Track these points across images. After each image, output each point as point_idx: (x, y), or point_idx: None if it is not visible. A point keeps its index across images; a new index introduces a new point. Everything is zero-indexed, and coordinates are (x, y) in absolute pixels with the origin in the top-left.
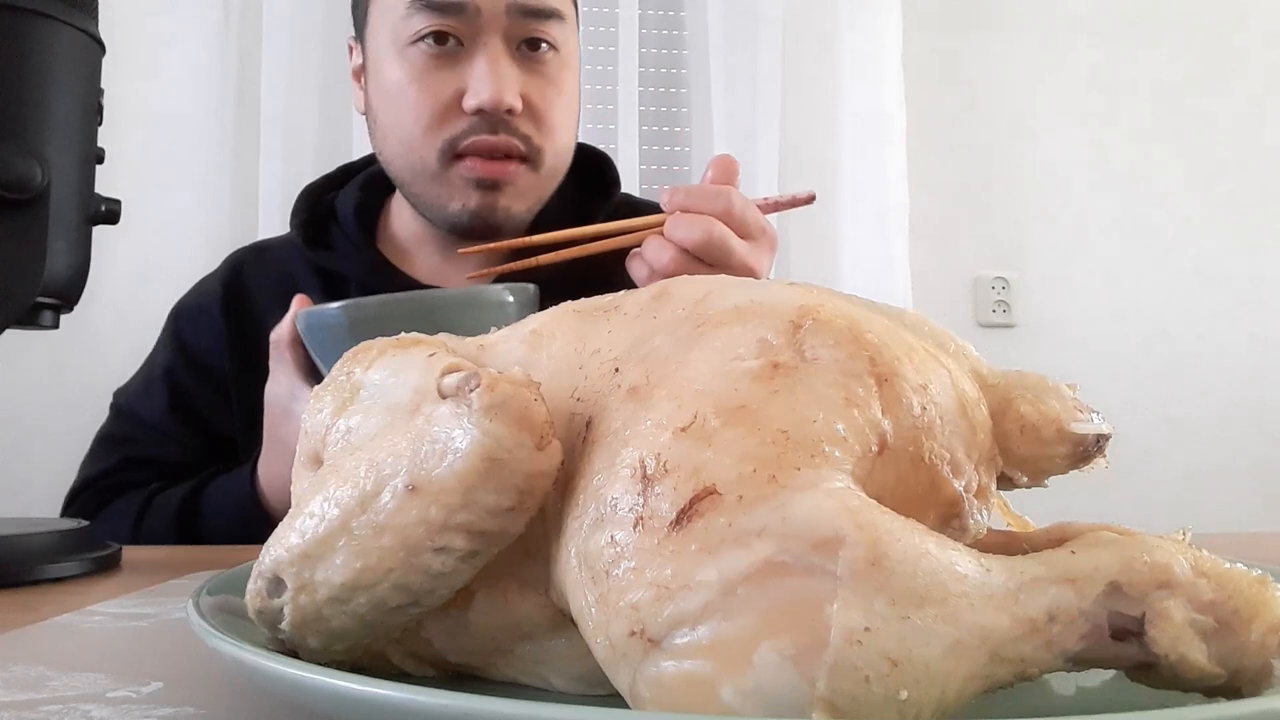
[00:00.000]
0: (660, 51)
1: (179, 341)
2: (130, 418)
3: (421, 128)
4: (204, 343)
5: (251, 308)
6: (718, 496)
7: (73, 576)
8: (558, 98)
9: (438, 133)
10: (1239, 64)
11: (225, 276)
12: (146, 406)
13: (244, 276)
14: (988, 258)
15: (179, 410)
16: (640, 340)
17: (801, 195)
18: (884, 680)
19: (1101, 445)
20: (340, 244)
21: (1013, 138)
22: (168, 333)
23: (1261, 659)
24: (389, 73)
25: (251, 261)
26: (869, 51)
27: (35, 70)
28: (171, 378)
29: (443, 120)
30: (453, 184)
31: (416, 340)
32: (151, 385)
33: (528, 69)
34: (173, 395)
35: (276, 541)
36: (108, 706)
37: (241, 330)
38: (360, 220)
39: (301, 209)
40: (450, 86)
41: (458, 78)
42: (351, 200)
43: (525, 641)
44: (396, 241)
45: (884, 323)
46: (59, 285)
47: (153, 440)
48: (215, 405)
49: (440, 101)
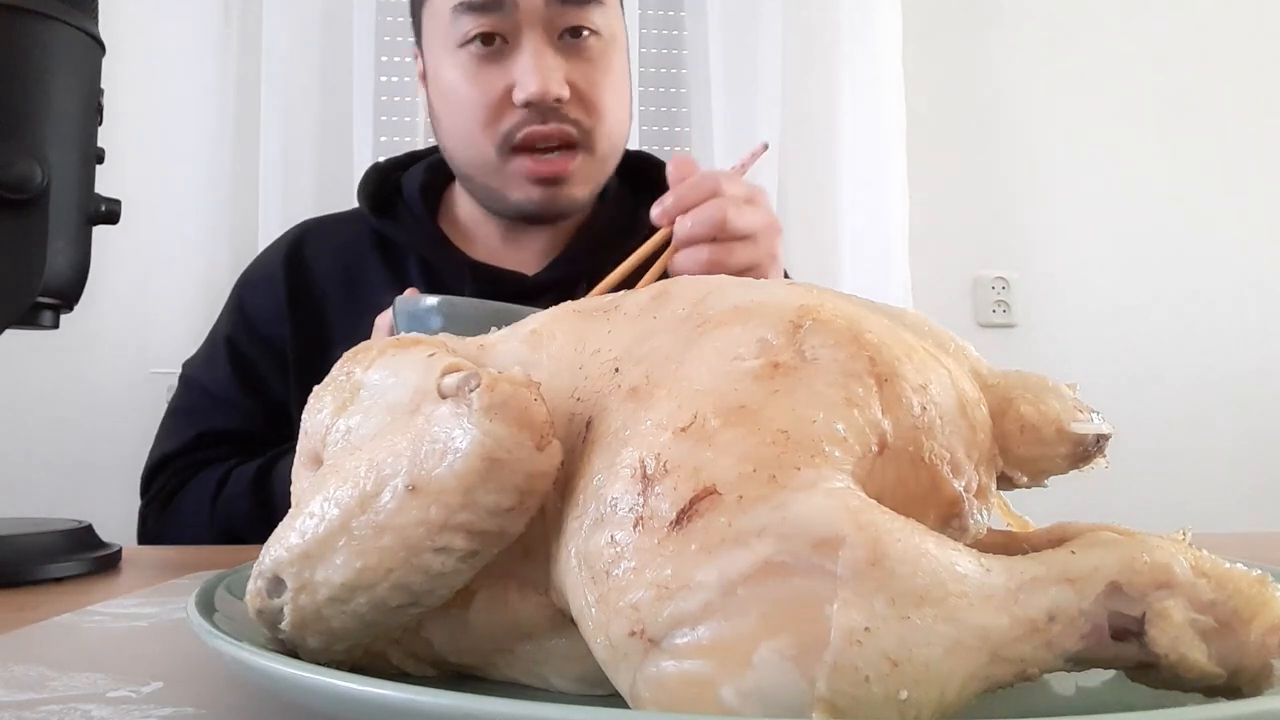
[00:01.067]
0: (660, 51)
1: (241, 310)
2: (197, 388)
3: (478, 124)
4: (265, 311)
5: (311, 277)
6: (718, 496)
7: (73, 576)
8: (604, 79)
9: (493, 128)
10: (1240, 64)
11: (287, 247)
12: (211, 376)
13: (305, 247)
14: (988, 258)
15: (242, 378)
16: (640, 340)
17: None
18: (884, 680)
19: (1101, 445)
20: (404, 216)
21: (1013, 138)
22: (231, 301)
23: (1261, 659)
24: (445, 75)
25: (314, 233)
26: (869, 51)
27: (35, 70)
28: (233, 346)
29: (496, 115)
30: (512, 177)
31: (416, 340)
32: (215, 355)
33: (572, 56)
34: (235, 363)
35: (276, 541)
36: (108, 706)
37: (301, 299)
38: (425, 198)
39: (369, 182)
40: (500, 83)
41: (506, 73)
42: (418, 179)
43: (525, 641)
44: (458, 222)
45: (884, 323)
46: (59, 285)
47: (221, 411)
48: (275, 373)
49: (492, 98)
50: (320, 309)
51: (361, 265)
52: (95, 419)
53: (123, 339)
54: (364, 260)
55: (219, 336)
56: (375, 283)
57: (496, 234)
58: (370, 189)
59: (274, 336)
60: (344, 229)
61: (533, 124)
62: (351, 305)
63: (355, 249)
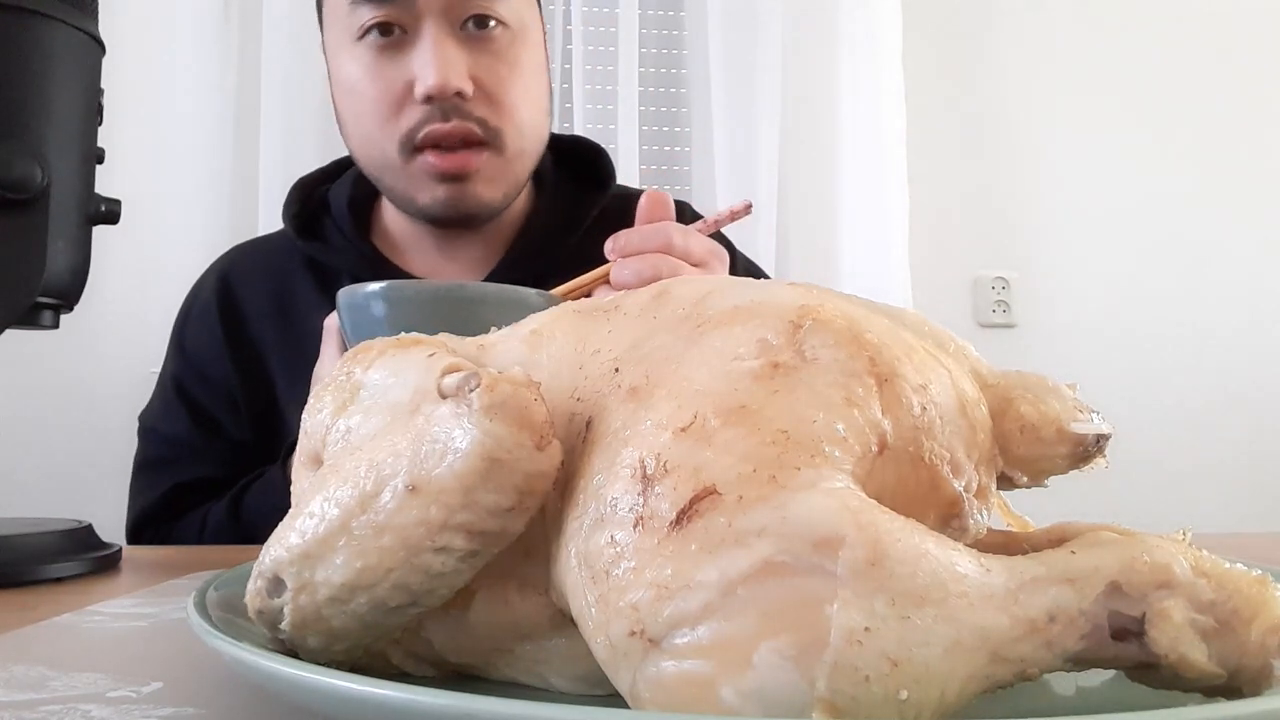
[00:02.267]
0: (660, 51)
1: (182, 351)
2: (160, 439)
3: (378, 122)
4: (204, 350)
5: (244, 308)
6: (718, 496)
7: (73, 576)
8: (512, 74)
9: (394, 125)
10: (1240, 64)
11: (216, 281)
12: (170, 426)
13: (234, 276)
14: (988, 258)
15: (199, 423)
16: (640, 340)
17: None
18: (884, 680)
19: (1101, 445)
20: (333, 237)
21: (1012, 138)
22: (173, 341)
23: (1261, 659)
24: (344, 69)
25: (242, 260)
26: (869, 51)
27: (35, 70)
28: (182, 390)
29: (396, 112)
30: (416, 177)
31: (416, 340)
32: (169, 403)
33: (477, 49)
34: (189, 409)
35: (276, 541)
36: (108, 706)
37: (237, 334)
38: (354, 213)
39: (293, 201)
40: (400, 77)
41: (406, 67)
42: (344, 193)
43: (525, 641)
44: (390, 236)
45: (884, 323)
46: (59, 285)
47: (187, 461)
48: (227, 413)
49: (392, 93)
50: (256, 341)
51: (293, 291)
52: (95, 419)
53: (123, 339)
54: (295, 285)
55: (167, 381)
56: (308, 308)
57: (431, 244)
58: (294, 209)
59: (217, 377)
60: (273, 253)
61: (434, 122)
62: (287, 333)
63: (285, 274)
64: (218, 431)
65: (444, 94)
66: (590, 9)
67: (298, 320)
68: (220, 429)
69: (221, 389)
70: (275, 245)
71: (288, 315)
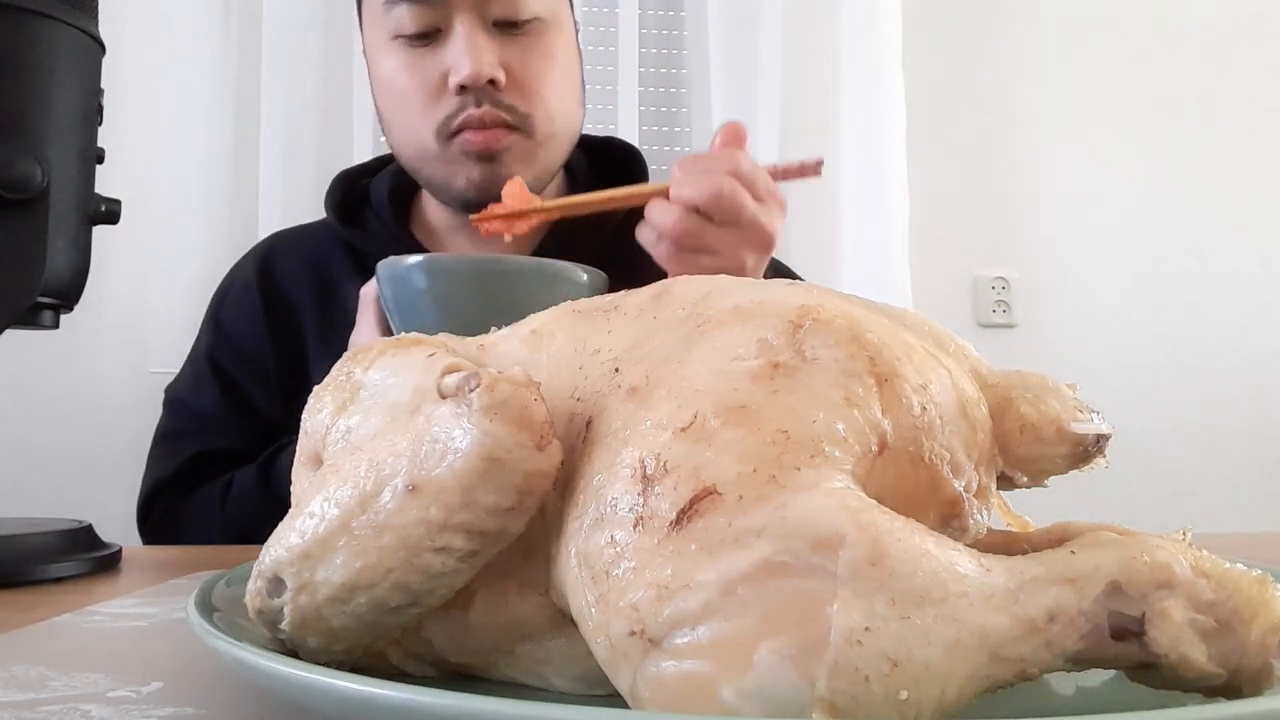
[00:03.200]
0: (660, 50)
1: (219, 329)
2: (185, 411)
3: (417, 112)
4: (243, 328)
5: (285, 290)
6: (718, 496)
7: (73, 576)
8: (542, 65)
9: (431, 114)
10: (1240, 64)
11: (258, 262)
12: (199, 398)
13: (275, 261)
14: (988, 258)
15: (230, 397)
16: (640, 340)
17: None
18: (884, 680)
19: (1101, 445)
20: (373, 224)
21: (1013, 138)
22: (208, 320)
23: (1261, 659)
24: (383, 68)
25: (283, 245)
26: (869, 51)
27: (35, 70)
28: (216, 365)
29: (433, 102)
30: (453, 161)
31: (416, 340)
32: (200, 376)
33: (509, 40)
34: (221, 382)
35: (276, 541)
36: (108, 706)
37: (277, 313)
38: (394, 204)
39: (336, 190)
40: (436, 70)
41: (441, 60)
42: (386, 184)
43: (525, 641)
44: (429, 227)
45: (884, 323)
46: (59, 285)
47: (212, 432)
48: (260, 391)
49: (428, 85)
50: (296, 322)
51: (334, 276)
52: (95, 419)
53: (123, 339)
54: (336, 271)
55: (200, 356)
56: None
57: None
58: (337, 198)
59: (255, 354)
60: (314, 240)
61: (469, 109)
62: (326, 317)
63: (327, 260)
64: (247, 406)
65: (476, 82)
66: (590, 9)
67: (336, 303)
68: (249, 403)
69: (256, 364)
70: (315, 232)
71: (326, 297)
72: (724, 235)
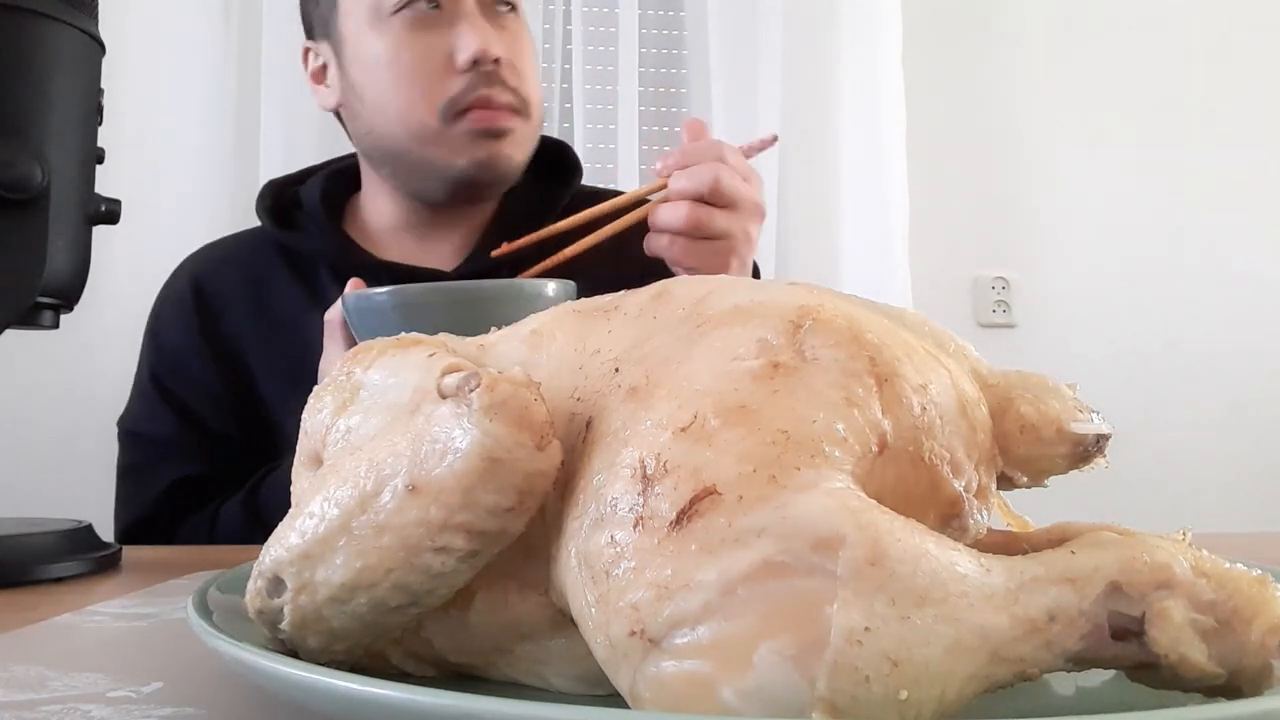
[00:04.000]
0: (660, 51)
1: (159, 352)
2: (146, 441)
3: (420, 90)
4: (179, 345)
5: (219, 301)
6: (718, 496)
7: (73, 576)
8: (525, 52)
9: (437, 93)
10: (1241, 64)
11: (188, 278)
12: (155, 426)
13: (205, 273)
14: (988, 258)
15: (183, 418)
16: (640, 340)
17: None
18: (884, 680)
19: (1101, 445)
20: (307, 226)
21: (1013, 138)
22: (146, 343)
23: (1261, 659)
24: (371, 48)
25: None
26: (869, 52)
27: (35, 70)
28: (164, 390)
29: (438, 81)
30: (455, 141)
31: (416, 340)
32: (151, 403)
33: (499, 27)
34: (173, 406)
35: (276, 541)
36: (108, 706)
37: (214, 327)
38: (326, 206)
39: (266, 195)
40: (438, 49)
41: (443, 40)
42: (316, 190)
43: (525, 641)
44: (365, 229)
45: (884, 323)
46: (59, 285)
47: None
48: (208, 407)
49: (431, 63)
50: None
51: (267, 280)
52: (95, 419)
53: (123, 339)
54: (269, 275)
55: (145, 381)
56: (284, 296)
57: (410, 234)
58: (268, 203)
59: (195, 372)
60: (242, 248)
61: (479, 89)
62: (262, 323)
63: (257, 265)
64: (201, 428)
65: (486, 58)
66: (590, 9)
67: (274, 308)
68: (203, 425)
69: (200, 384)
70: (243, 241)
71: (263, 305)
72: (728, 216)
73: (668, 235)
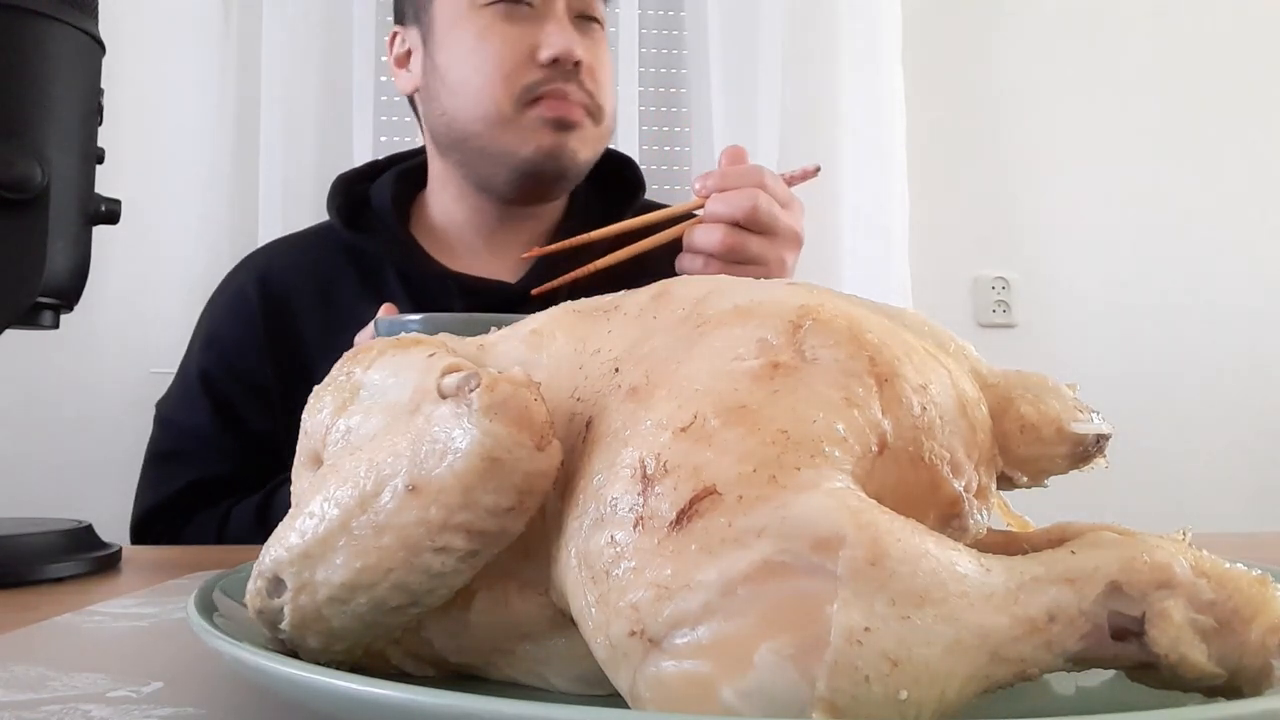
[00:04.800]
0: (660, 51)
1: (213, 344)
2: (177, 430)
3: (501, 75)
4: (239, 344)
5: (286, 300)
6: (718, 496)
7: (73, 576)
8: (605, 64)
9: (514, 80)
10: (1243, 65)
11: (257, 276)
12: (190, 417)
13: (275, 272)
14: (988, 258)
15: (223, 417)
16: (640, 340)
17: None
18: (884, 680)
19: (1101, 445)
20: (376, 228)
21: (1013, 138)
22: (201, 333)
23: (1261, 659)
24: (459, 35)
25: (281, 253)
26: (869, 51)
27: (35, 70)
28: (208, 383)
29: (519, 70)
30: (525, 128)
31: (416, 340)
32: (190, 393)
33: (584, 34)
34: (214, 402)
35: (276, 541)
36: (108, 706)
37: (282, 327)
38: (396, 208)
39: (338, 194)
40: (524, 42)
41: (530, 35)
42: (387, 189)
43: (525, 641)
44: (432, 231)
45: (884, 323)
46: (59, 285)
47: (206, 456)
48: (255, 407)
49: (515, 53)
50: (297, 331)
51: (336, 280)
52: (95, 419)
53: (123, 339)
54: (337, 275)
55: (190, 372)
56: (351, 298)
57: (477, 236)
58: (339, 201)
59: (251, 370)
60: (312, 246)
61: (554, 83)
62: (328, 323)
63: (326, 264)
64: (239, 427)
65: (568, 59)
66: None
67: (342, 309)
68: (242, 424)
69: (250, 383)
70: (311, 239)
71: (330, 305)
72: (764, 243)
73: (702, 257)
